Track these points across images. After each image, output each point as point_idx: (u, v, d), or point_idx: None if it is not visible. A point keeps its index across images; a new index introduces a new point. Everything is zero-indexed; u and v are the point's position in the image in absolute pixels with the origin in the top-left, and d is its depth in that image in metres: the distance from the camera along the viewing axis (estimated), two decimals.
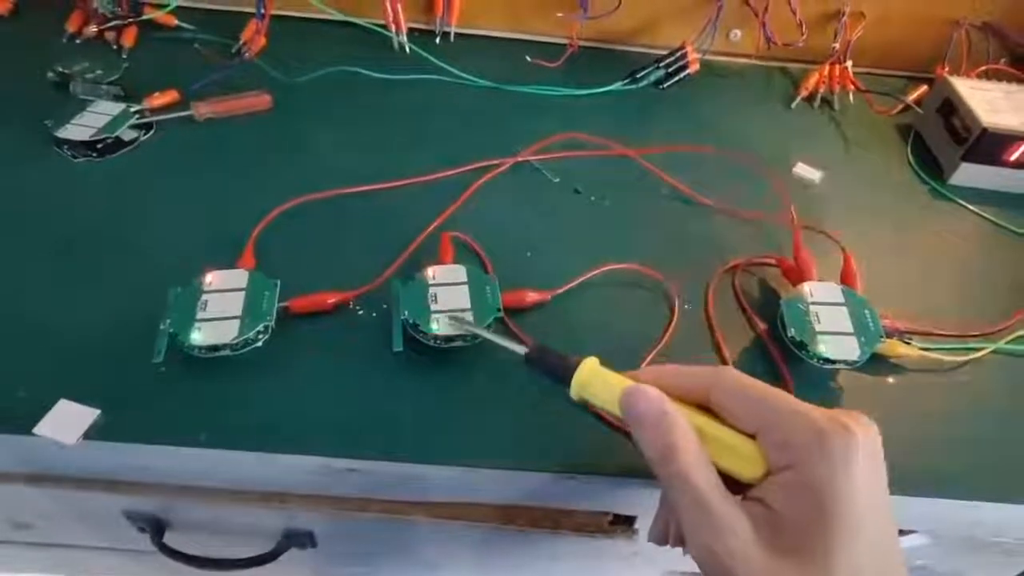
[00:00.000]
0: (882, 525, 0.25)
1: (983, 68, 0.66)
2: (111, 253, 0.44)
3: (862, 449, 0.25)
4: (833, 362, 0.40)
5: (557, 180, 0.53)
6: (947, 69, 0.67)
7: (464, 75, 0.62)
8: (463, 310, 0.39)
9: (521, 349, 0.33)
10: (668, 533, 0.31)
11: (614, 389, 0.29)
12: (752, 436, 0.27)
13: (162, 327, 0.38)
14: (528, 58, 0.67)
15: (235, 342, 0.37)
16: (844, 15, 0.67)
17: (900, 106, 0.66)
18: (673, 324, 0.43)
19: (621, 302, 0.45)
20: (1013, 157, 0.55)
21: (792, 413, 0.26)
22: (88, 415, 0.35)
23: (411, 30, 0.67)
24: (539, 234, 0.49)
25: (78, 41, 0.62)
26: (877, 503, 0.25)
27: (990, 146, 0.55)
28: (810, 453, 0.25)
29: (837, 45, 0.67)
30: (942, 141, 0.60)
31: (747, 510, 0.26)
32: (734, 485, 0.27)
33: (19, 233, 0.45)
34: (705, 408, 0.29)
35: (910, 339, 0.43)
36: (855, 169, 0.59)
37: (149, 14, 0.64)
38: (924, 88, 0.67)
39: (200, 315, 0.38)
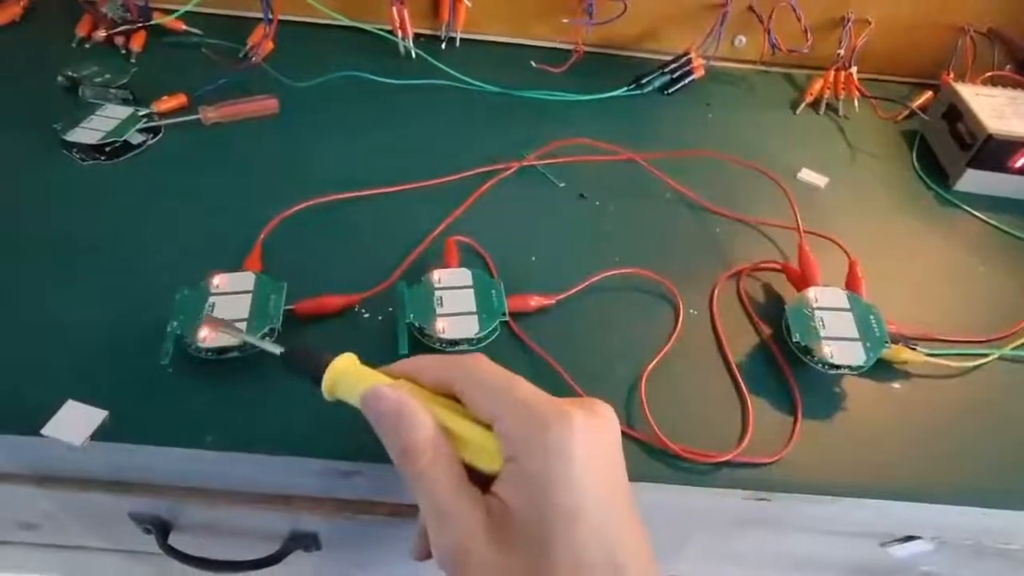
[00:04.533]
0: (607, 513, 0.24)
1: (988, 75, 0.66)
2: (118, 255, 0.44)
3: (579, 435, 0.24)
4: (838, 367, 0.40)
5: (563, 185, 0.54)
6: (952, 75, 0.67)
7: (470, 80, 0.63)
8: (469, 313, 0.39)
9: (276, 349, 0.31)
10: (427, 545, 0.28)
11: (358, 385, 0.28)
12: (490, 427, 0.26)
13: (169, 329, 0.38)
14: (533, 63, 0.67)
15: (241, 343, 0.37)
16: (849, 21, 0.67)
17: (905, 112, 0.66)
18: (678, 329, 0.43)
19: (626, 307, 0.45)
20: (1019, 163, 0.55)
21: (520, 403, 0.25)
22: (96, 416, 0.35)
23: (417, 35, 0.67)
24: (544, 238, 0.49)
25: (87, 46, 0.62)
26: (600, 490, 0.24)
27: (995, 152, 0.55)
28: (528, 443, 0.24)
29: (842, 51, 0.67)
30: (947, 147, 0.60)
31: (486, 505, 0.25)
32: (482, 478, 0.26)
33: (27, 234, 0.45)
34: (452, 397, 0.28)
35: (915, 345, 0.43)
36: (860, 175, 0.59)
37: (158, 19, 0.64)
38: (929, 94, 0.67)
39: (208, 317, 0.38)
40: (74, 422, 0.35)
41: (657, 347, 0.42)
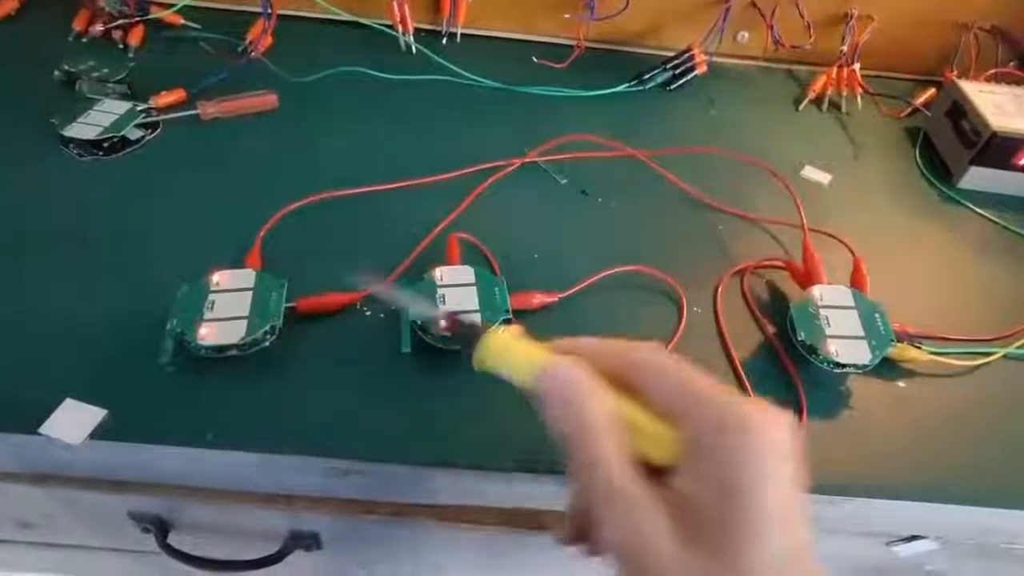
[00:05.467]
0: (792, 526, 0.24)
1: (992, 72, 0.65)
2: (117, 252, 0.44)
3: (777, 447, 0.23)
4: (843, 366, 0.40)
5: (565, 181, 0.53)
6: (955, 72, 0.66)
7: (471, 75, 0.62)
8: (470, 311, 0.39)
9: (435, 311, 0.30)
10: (582, 532, 0.28)
11: (528, 361, 0.26)
12: (669, 419, 0.25)
13: (169, 327, 0.37)
14: (535, 59, 0.67)
15: (243, 342, 0.37)
16: (852, 17, 0.67)
17: (908, 109, 0.66)
18: (682, 327, 0.43)
19: (629, 305, 0.44)
20: (1023, 161, 0.55)
21: (710, 402, 0.24)
22: (95, 415, 0.35)
23: (418, 30, 0.66)
24: (547, 235, 0.49)
25: (84, 40, 0.62)
26: (788, 502, 0.24)
27: (999, 150, 0.55)
28: (724, 446, 0.23)
29: (845, 48, 0.67)
30: (951, 144, 0.59)
31: (663, 497, 0.24)
32: (649, 471, 0.25)
33: (25, 231, 0.44)
34: (623, 384, 0.26)
35: (920, 343, 0.43)
36: (864, 172, 0.59)
37: (156, 13, 0.64)
38: (932, 91, 0.67)
39: (208, 315, 0.37)
40: (72, 421, 0.35)
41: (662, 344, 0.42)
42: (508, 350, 0.27)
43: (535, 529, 0.43)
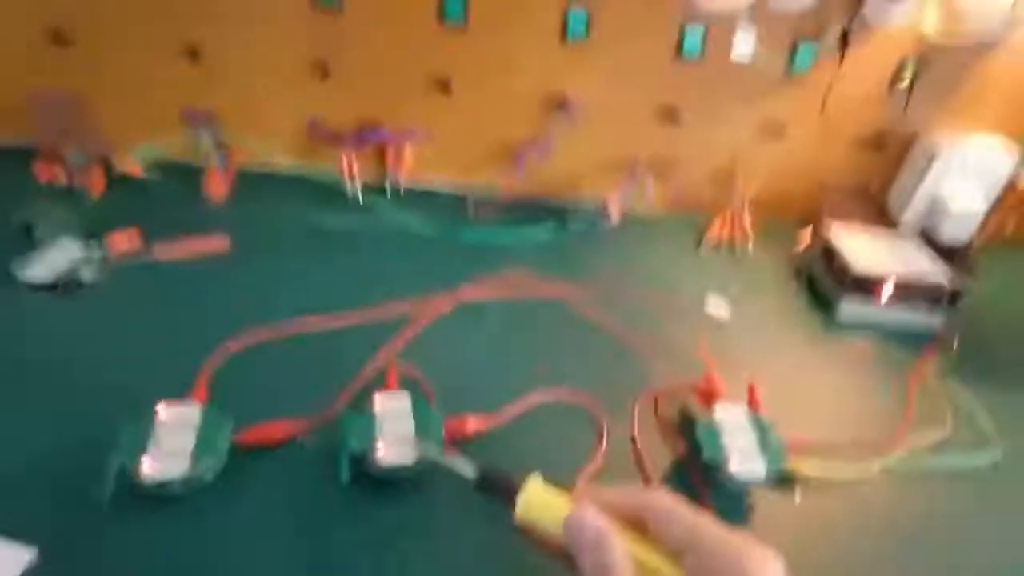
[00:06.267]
0: None
1: (855, 220, 0.78)
2: (61, 387, 0.45)
3: None
4: (744, 480, 0.44)
5: (496, 315, 0.59)
6: (826, 220, 0.78)
7: (412, 222, 0.69)
8: (409, 439, 0.42)
9: (470, 471, 0.35)
10: None
11: (558, 511, 0.32)
12: (676, 555, 0.30)
13: (111, 461, 0.39)
14: (470, 207, 0.75)
15: (186, 477, 0.38)
16: (739, 175, 0.79)
17: (791, 251, 0.77)
18: (602, 448, 0.47)
19: (555, 428, 0.48)
20: (883, 295, 0.65)
21: (713, 539, 0.29)
22: (23, 555, 0.35)
23: (365, 183, 0.74)
24: (479, 365, 0.53)
25: (46, 189, 0.66)
26: None
27: (863, 286, 0.64)
28: None
29: (735, 199, 0.79)
30: (827, 281, 0.69)
31: None
32: None
33: None
34: (634, 525, 0.31)
35: (810, 458, 0.48)
36: (758, 305, 0.67)
37: (118, 165, 0.69)
38: (811, 236, 0.78)
39: (151, 449, 0.39)
40: (1, 561, 0.34)
41: (581, 465, 0.45)
42: (543, 503, 0.32)
43: None
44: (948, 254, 0.77)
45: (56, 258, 0.56)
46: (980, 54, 0.73)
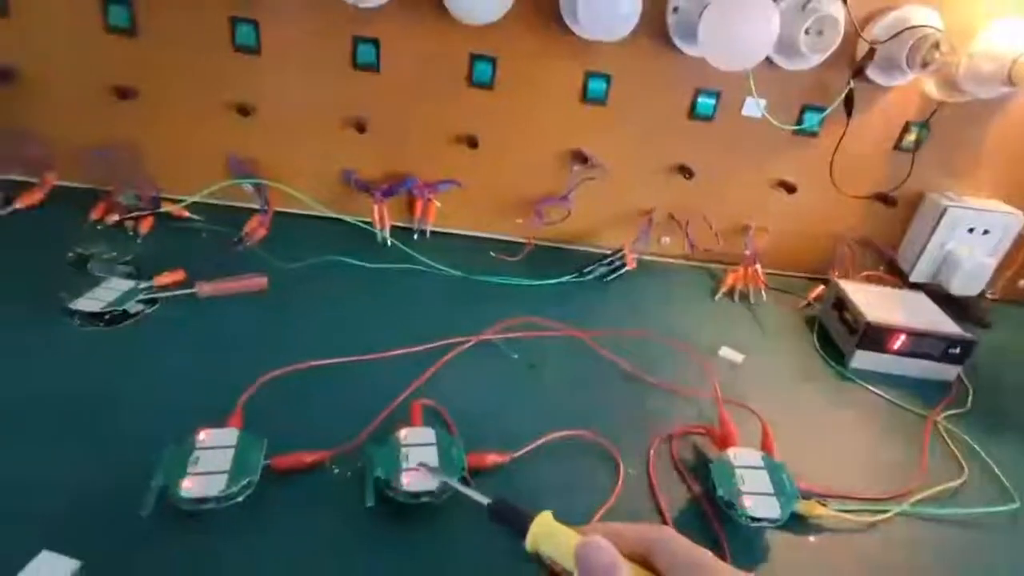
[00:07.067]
0: None
1: (865, 273, 0.80)
2: (108, 412, 0.48)
3: None
4: (758, 520, 0.45)
5: (516, 356, 0.61)
6: (837, 273, 0.81)
7: (437, 266, 0.73)
8: (432, 468, 0.44)
9: (484, 500, 0.37)
10: None
11: (568, 541, 0.33)
12: None
13: (153, 482, 0.41)
14: (492, 253, 0.79)
15: (222, 495, 0.40)
16: (751, 229, 0.82)
17: (804, 302, 0.79)
18: (619, 487, 0.48)
19: (573, 466, 0.50)
20: (895, 346, 0.66)
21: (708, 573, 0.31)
22: (68, 566, 0.37)
23: (393, 227, 0.78)
24: (500, 403, 0.55)
25: (99, 228, 0.71)
26: None
27: (875, 336, 0.66)
28: None
29: (748, 251, 0.81)
30: (839, 332, 0.71)
31: None
32: None
33: (25, 394, 0.48)
34: (641, 559, 0.33)
35: (825, 501, 0.49)
36: (771, 353, 0.69)
37: (166, 207, 0.74)
38: (822, 287, 0.80)
39: (191, 469, 0.41)
40: (47, 572, 0.36)
41: (600, 502, 0.47)
42: (553, 533, 0.34)
43: None
44: (960, 307, 0.78)
45: (105, 291, 0.60)
46: (982, 116, 0.76)
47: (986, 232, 0.79)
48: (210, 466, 0.42)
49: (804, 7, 0.66)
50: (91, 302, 0.58)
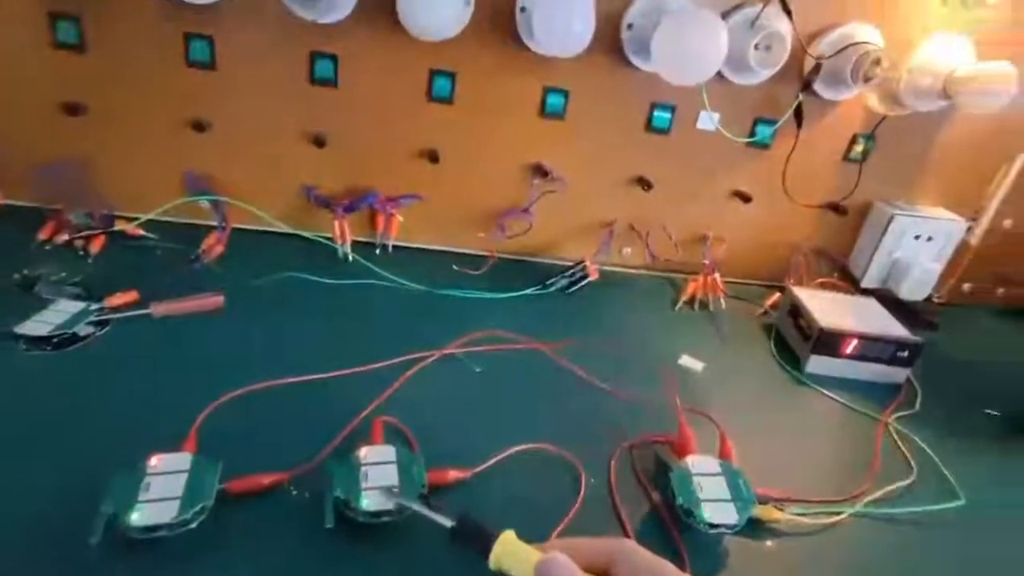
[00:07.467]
0: None
1: (819, 280, 0.83)
2: (56, 439, 0.46)
3: None
4: (716, 526, 0.46)
5: (479, 370, 0.61)
6: (792, 280, 0.83)
7: (400, 280, 0.73)
8: (393, 487, 0.43)
9: (447, 522, 0.37)
10: None
11: (530, 559, 0.34)
12: None
13: (102, 508, 0.40)
14: (455, 267, 0.79)
15: (173, 522, 0.39)
16: (709, 239, 0.84)
17: (761, 310, 0.80)
18: (580, 498, 0.49)
19: (534, 478, 0.50)
20: (848, 350, 0.68)
21: None
22: None
23: (355, 242, 0.78)
24: (463, 417, 0.55)
25: (47, 248, 0.69)
26: None
27: (828, 342, 0.68)
28: None
29: (707, 261, 0.83)
30: (795, 338, 0.73)
31: None
32: None
33: None
34: (602, 572, 0.33)
35: (782, 506, 0.50)
36: (730, 360, 0.70)
37: (120, 226, 0.72)
38: (778, 295, 0.82)
39: (143, 496, 0.40)
40: None
41: (563, 514, 0.47)
42: (516, 551, 0.34)
43: None
44: (909, 311, 0.81)
45: (54, 313, 0.58)
46: (925, 128, 0.80)
47: (931, 239, 0.82)
48: (162, 492, 0.41)
49: (753, 24, 0.69)
50: (38, 325, 0.56)
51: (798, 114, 0.75)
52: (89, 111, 0.71)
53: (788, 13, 0.68)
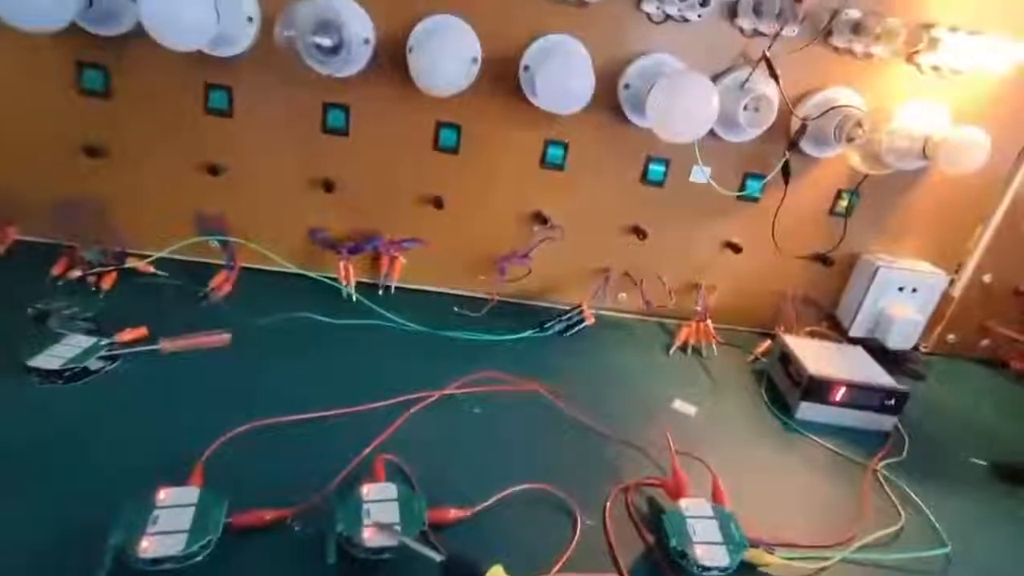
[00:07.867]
0: None
1: (808, 329, 0.85)
2: (66, 472, 0.47)
3: None
4: (708, 569, 0.47)
5: (478, 411, 0.63)
6: (782, 328, 0.85)
7: (402, 321, 0.75)
8: (393, 524, 0.45)
9: (436, 557, 0.38)
10: None
11: None
12: None
13: (110, 541, 0.41)
14: (456, 309, 0.81)
15: (180, 555, 0.40)
16: (702, 287, 0.87)
17: (752, 356, 0.83)
18: (576, 538, 0.50)
19: (532, 518, 0.51)
20: (837, 397, 0.70)
21: None
22: None
23: (359, 283, 0.80)
24: (462, 457, 0.56)
25: (60, 283, 0.71)
26: None
27: (817, 389, 0.70)
28: None
29: (699, 308, 0.85)
30: (785, 384, 0.75)
31: None
32: None
33: None
34: None
35: (773, 550, 0.51)
36: (722, 406, 0.72)
37: (131, 263, 0.74)
38: (769, 342, 0.85)
39: (150, 528, 0.41)
40: None
41: (559, 554, 0.48)
42: None
43: None
44: (896, 361, 0.84)
45: (66, 348, 0.59)
46: (908, 185, 0.84)
47: (915, 291, 0.85)
48: (169, 525, 0.42)
49: (742, 86, 0.73)
50: (50, 359, 0.58)
51: (785, 170, 0.79)
52: (109, 153, 0.74)
53: (775, 77, 0.72)
